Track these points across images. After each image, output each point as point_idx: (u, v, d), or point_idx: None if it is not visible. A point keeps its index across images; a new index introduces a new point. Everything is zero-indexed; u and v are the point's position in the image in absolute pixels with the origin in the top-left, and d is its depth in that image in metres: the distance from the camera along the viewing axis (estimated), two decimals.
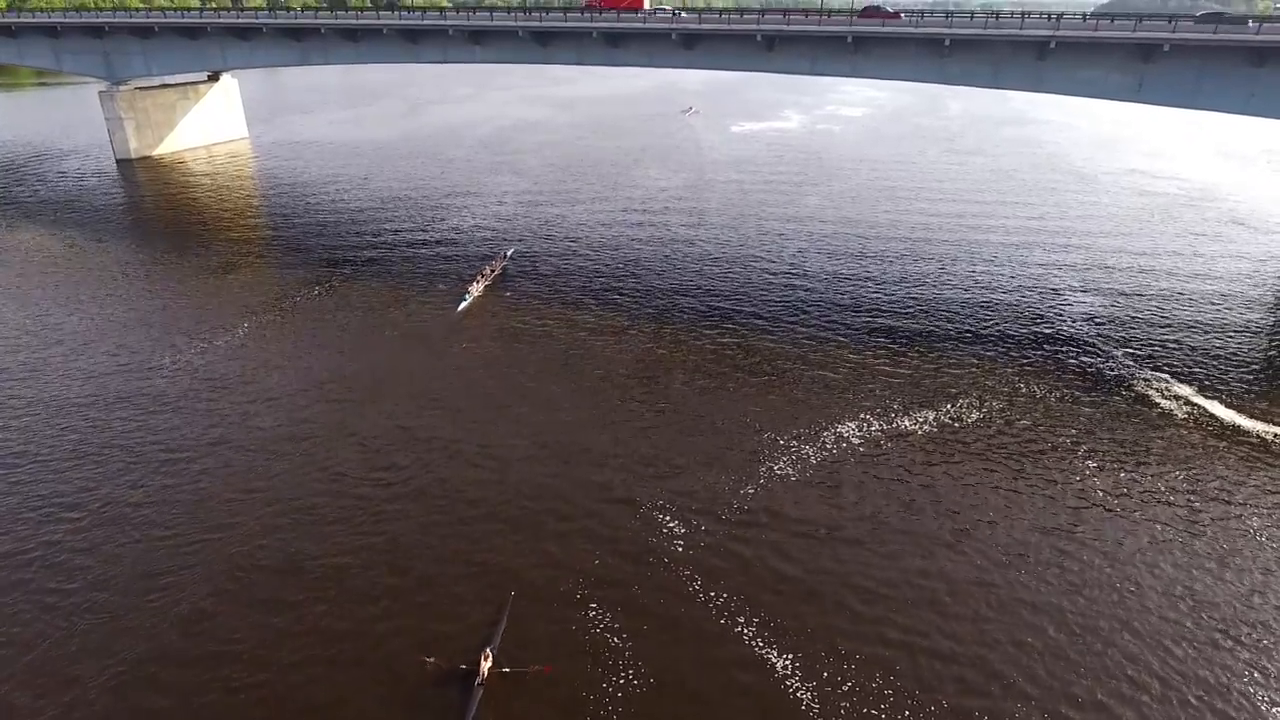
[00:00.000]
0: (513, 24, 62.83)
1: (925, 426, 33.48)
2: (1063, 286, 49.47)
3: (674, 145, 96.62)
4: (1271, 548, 25.76)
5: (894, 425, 33.40)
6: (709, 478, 29.09)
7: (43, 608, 22.62)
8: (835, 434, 32.41)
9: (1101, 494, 28.55)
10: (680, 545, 25.50)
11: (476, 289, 46.18)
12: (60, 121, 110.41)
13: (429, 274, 50.69)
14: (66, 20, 79.10)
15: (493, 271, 49.27)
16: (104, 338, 40.24)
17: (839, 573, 24.56)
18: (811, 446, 31.30)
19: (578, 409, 33.98)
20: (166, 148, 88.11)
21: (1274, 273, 52.66)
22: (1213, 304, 46.57)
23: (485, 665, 20.14)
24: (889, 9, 61.85)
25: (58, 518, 26.55)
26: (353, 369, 37.06)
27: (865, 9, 62.17)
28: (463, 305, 44.47)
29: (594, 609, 22.71)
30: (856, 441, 32.11)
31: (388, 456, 30.01)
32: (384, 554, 24.77)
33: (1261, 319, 44.68)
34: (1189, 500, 28.21)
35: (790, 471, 29.57)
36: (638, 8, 73.70)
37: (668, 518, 26.79)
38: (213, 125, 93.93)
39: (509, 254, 53.40)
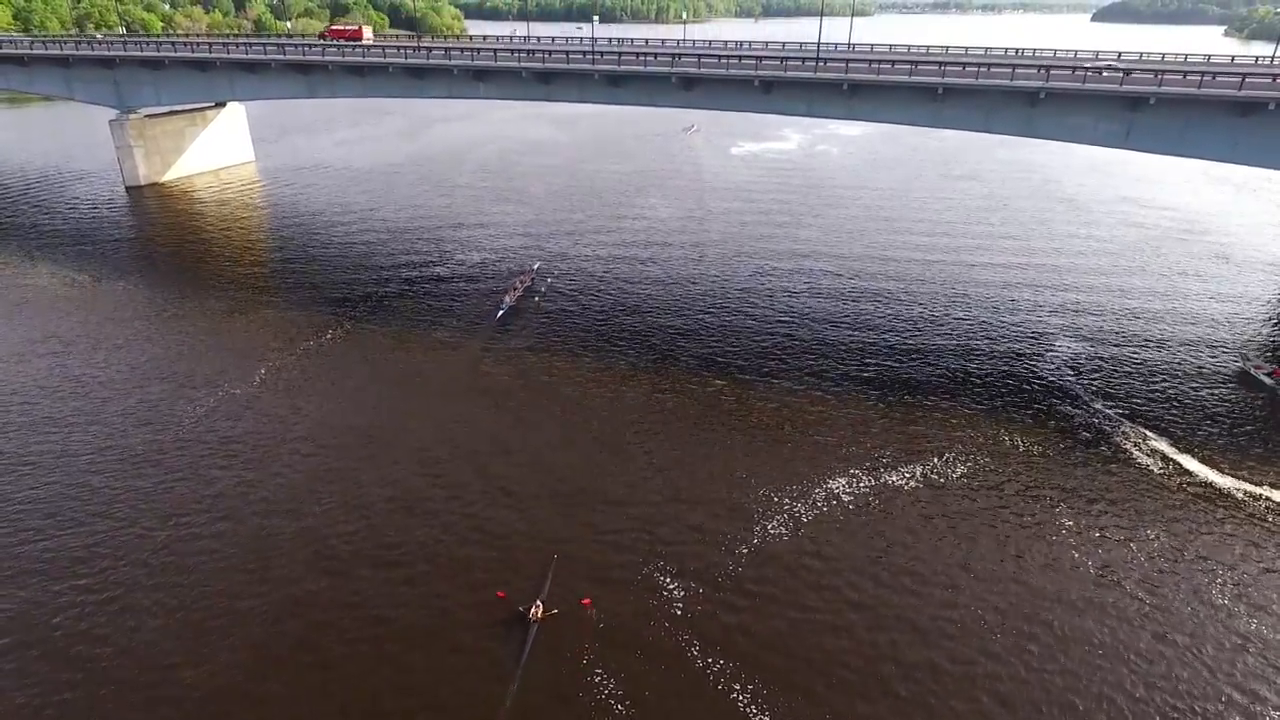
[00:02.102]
0: (516, 65, 64.37)
1: (912, 483, 35.08)
2: (1049, 330, 51.00)
3: (675, 169, 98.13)
4: (1228, 613, 27.37)
5: (882, 480, 35.02)
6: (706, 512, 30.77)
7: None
8: (826, 491, 33.99)
9: (1075, 557, 30.12)
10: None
11: (510, 299, 53.27)
12: (67, 141, 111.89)
13: (441, 313, 52.45)
14: (79, 53, 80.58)
15: (522, 284, 56.00)
16: (124, 393, 41.53)
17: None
18: (803, 503, 32.85)
19: (579, 455, 35.65)
20: (175, 173, 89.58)
21: (1253, 314, 54.15)
22: (1192, 351, 48.07)
23: (537, 610, 26.20)
24: None
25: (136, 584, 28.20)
26: (379, 408, 38.71)
27: None
28: (500, 314, 51.46)
29: (617, 568, 29.12)
30: (846, 499, 33.70)
31: (441, 465, 31.77)
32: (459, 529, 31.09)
33: (1237, 366, 46.07)
34: (1160, 566, 29.78)
35: (785, 519, 31.18)
36: (358, 38, 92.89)
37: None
38: (220, 149, 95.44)
39: (534, 268, 59.81)
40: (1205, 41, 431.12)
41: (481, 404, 41.00)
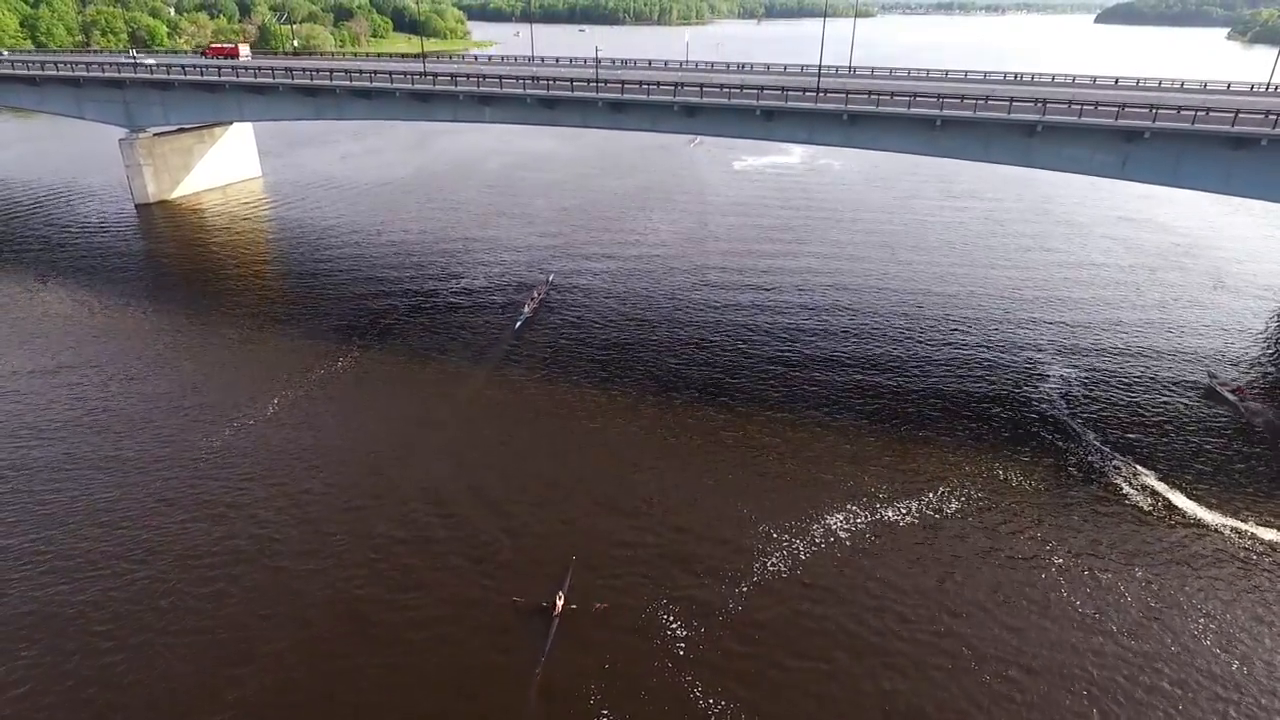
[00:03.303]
0: (520, 92, 65.31)
1: (908, 518, 36.06)
2: (1043, 360, 51.82)
3: (678, 186, 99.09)
4: (1206, 652, 28.29)
5: (878, 517, 35.98)
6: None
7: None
8: (824, 528, 34.95)
9: (1064, 597, 31.05)
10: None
11: (528, 309, 56.63)
12: (74, 154, 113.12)
13: (449, 339, 53.47)
14: (89, 75, 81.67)
15: (539, 295, 59.20)
16: (138, 427, 42.44)
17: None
18: (801, 541, 33.80)
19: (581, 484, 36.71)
20: (183, 190, 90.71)
21: (1244, 346, 54.95)
22: (1183, 383, 48.92)
23: (560, 603, 28.88)
24: None
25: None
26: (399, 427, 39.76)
27: None
28: (518, 324, 54.58)
29: (634, 573, 31.99)
30: (844, 535, 34.66)
31: (477, 474, 32.87)
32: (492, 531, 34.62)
33: (1255, 420, 46.34)
34: (1147, 609, 30.70)
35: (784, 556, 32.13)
36: (235, 55, 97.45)
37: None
38: (227, 165, 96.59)
39: (549, 279, 62.73)
40: (1208, 44, 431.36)
41: (489, 436, 41.95)
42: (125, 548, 33.21)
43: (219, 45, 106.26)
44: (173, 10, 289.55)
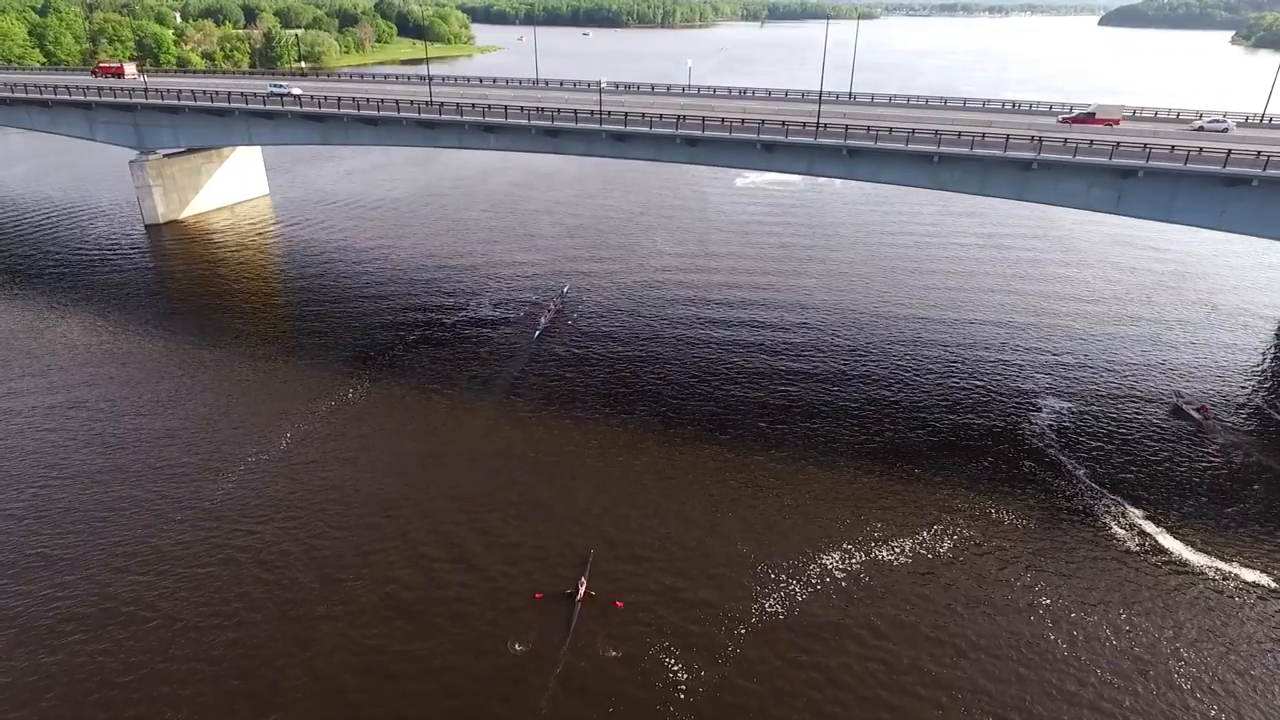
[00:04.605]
0: (525, 122, 66.41)
1: (902, 558, 37.14)
2: (1037, 389, 52.97)
3: (680, 205, 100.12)
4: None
5: (873, 556, 37.07)
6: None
7: None
8: (820, 567, 36.04)
9: (1052, 640, 32.07)
10: None
11: (545, 320, 60.84)
12: (84, 169, 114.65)
13: (458, 366, 54.83)
14: (101, 99, 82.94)
15: (555, 307, 63.35)
16: (154, 467, 43.38)
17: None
18: (798, 581, 34.85)
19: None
20: (192, 210, 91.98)
21: (1233, 373, 55.87)
22: (1173, 414, 50.02)
23: (582, 589, 32.91)
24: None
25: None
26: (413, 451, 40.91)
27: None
28: (537, 334, 58.80)
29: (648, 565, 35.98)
30: (839, 575, 35.72)
31: (513, 482, 33.98)
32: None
33: (1216, 438, 47.76)
34: (1134, 652, 31.73)
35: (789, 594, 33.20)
36: (120, 74, 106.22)
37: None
38: (235, 184, 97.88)
39: (564, 290, 66.46)
40: (1212, 48, 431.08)
41: (496, 476, 42.99)
42: (140, 594, 34.26)
43: (107, 65, 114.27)
44: (178, 18, 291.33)
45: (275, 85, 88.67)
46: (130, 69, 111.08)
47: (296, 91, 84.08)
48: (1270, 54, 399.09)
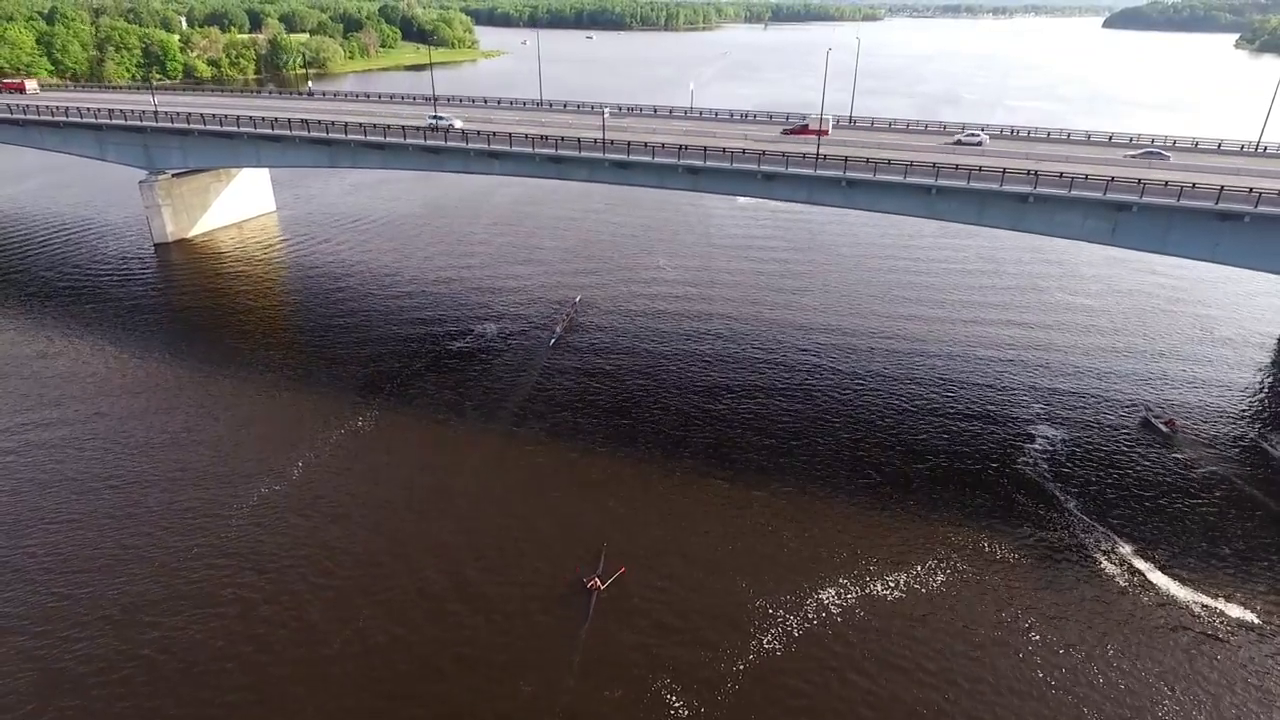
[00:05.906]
0: (529, 150, 67.45)
1: (896, 593, 38.22)
2: (1030, 416, 54.00)
3: (683, 223, 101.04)
4: None
5: (867, 592, 38.13)
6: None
7: None
8: (817, 602, 37.14)
9: (1041, 677, 33.04)
10: None
11: (560, 329, 64.60)
12: (93, 186, 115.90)
13: (466, 392, 56.06)
14: (111, 122, 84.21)
15: (568, 316, 67.25)
16: (166, 503, 44.43)
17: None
18: (795, 616, 35.87)
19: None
20: (201, 229, 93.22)
21: (1229, 402, 56.73)
22: (1166, 444, 50.99)
23: (597, 580, 37.03)
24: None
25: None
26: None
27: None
28: (552, 341, 62.42)
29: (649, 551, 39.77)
30: (835, 611, 36.75)
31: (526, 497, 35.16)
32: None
33: (1208, 471, 48.48)
34: (1122, 690, 32.69)
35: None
36: (20, 90, 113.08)
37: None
38: (243, 202, 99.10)
39: (577, 300, 69.74)
40: (1216, 51, 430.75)
41: (503, 507, 44.05)
42: (153, 639, 35.35)
43: (9, 81, 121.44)
44: (184, 24, 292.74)
45: (436, 119, 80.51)
46: (32, 85, 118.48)
47: (459, 125, 77.94)
48: (1275, 58, 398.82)
